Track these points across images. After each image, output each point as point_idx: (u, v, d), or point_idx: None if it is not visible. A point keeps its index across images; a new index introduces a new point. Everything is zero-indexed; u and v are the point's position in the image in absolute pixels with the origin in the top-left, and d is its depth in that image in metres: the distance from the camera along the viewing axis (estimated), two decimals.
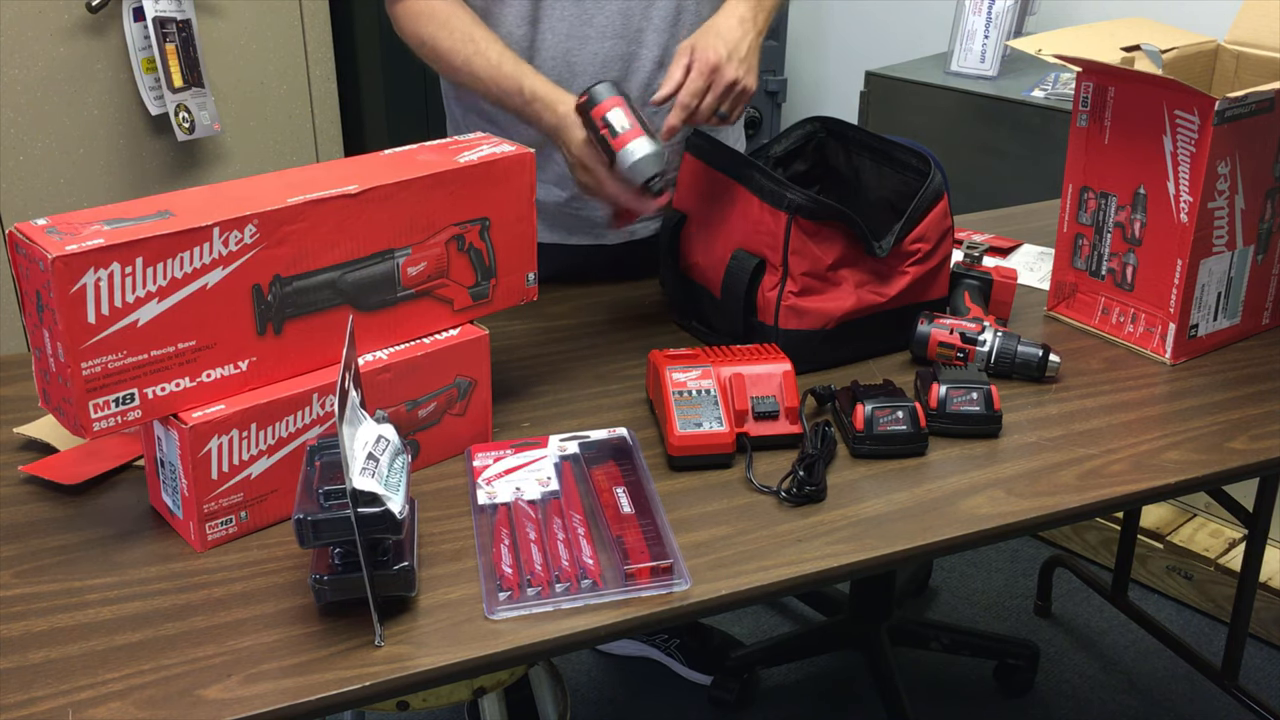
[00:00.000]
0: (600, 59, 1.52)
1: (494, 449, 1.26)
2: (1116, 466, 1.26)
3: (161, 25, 2.38)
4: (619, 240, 1.66)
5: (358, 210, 1.15)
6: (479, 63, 1.47)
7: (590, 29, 1.50)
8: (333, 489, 0.99)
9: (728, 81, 1.38)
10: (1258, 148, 1.43)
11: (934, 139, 2.47)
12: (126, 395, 1.05)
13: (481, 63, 1.47)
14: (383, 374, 1.18)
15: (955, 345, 1.43)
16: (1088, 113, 1.49)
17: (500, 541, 1.12)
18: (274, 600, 1.05)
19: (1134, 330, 1.51)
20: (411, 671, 0.97)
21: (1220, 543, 2.39)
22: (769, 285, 1.42)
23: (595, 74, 1.50)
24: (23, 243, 1.01)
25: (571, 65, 1.52)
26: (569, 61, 1.52)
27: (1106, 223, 1.51)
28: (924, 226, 1.44)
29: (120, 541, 1.13)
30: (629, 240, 1.66)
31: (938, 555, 1.32)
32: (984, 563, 2.58)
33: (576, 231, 1.65)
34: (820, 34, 3.44)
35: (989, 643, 2.26)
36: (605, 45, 1.50)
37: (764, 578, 1.09)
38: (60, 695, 0.94)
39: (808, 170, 1.62)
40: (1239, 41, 1.60)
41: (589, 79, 1.48)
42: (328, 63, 2.72)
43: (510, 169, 1.25)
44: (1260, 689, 2.19)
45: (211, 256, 1.06)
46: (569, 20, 1.50)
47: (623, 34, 1.49)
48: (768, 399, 1.29)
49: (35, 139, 2.36)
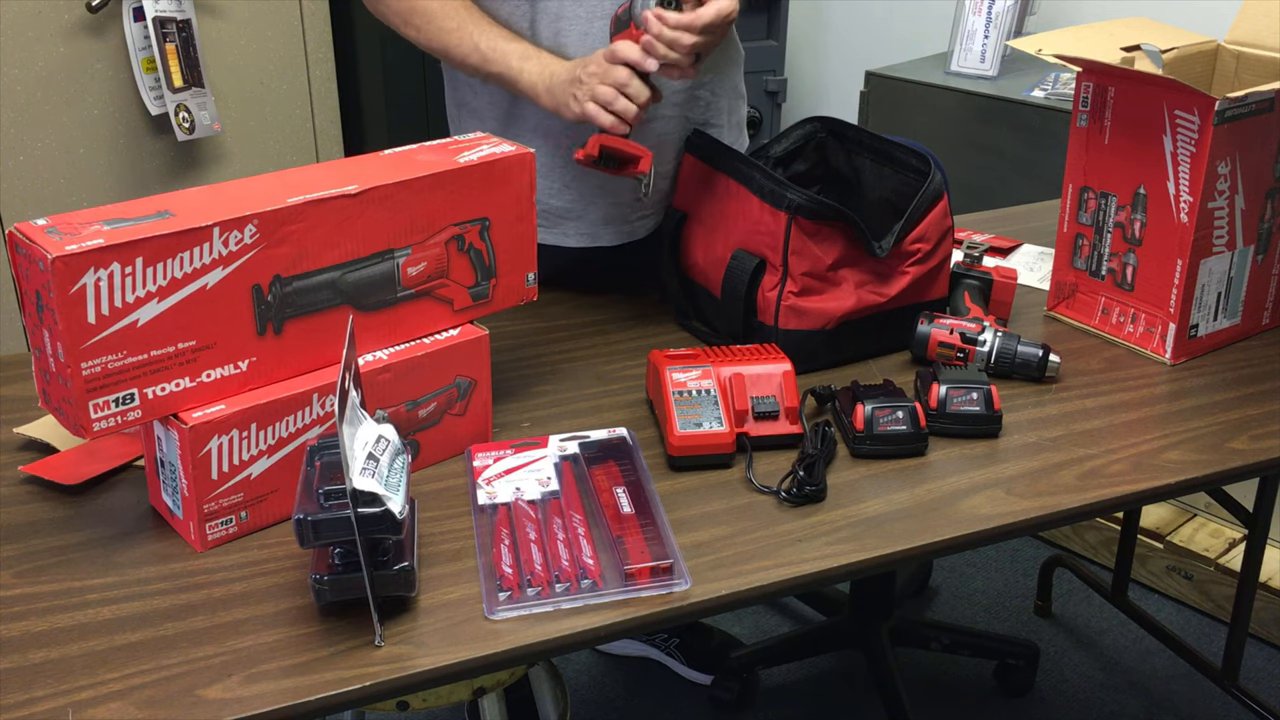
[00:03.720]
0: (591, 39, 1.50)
1: (494, 449, 1.26)
2: (1116, 466, 1.26)
3: (161, 25, 2.38)
4: (618, 241, 1.66)
5: (358, 210, 1.15)
6: (471, 27, 1.47)
7: (580, 8, 1.49)
8: (333, 489, 0.99)
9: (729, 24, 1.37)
10: (1258, 148, 1.43)
11: (934, 139, 2.47)
12: (126, 395, 1.05)
13: (474, 28, 1.48)
14: (383, 374, 1.18)
15: (955, 345, 1.43)
16: (1088, 113, 1.49)
17: (500, 541, 1.12)
18: (274, 600, 1.05)
19: (1134, 330, 1.51)
20: (411, 671, 0.97)
21: (1220, 543, 2.39)
22: (769, 285, 1.42)
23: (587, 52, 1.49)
24: (23, 243, 1.01)
25: (562, 46, 1.51)
26: (560, 42, 1.51)
27: (1106, 223, 1.51)
28: (924, 226, 1.44)
29: (120, 541, 1.13)
30: (629, 240, 1.66)
31: (938, 555, 1.32)
32: (984, 563, 2.58)
33: (573, 234, 1.65)
34: (820, 34, 3.44)
35: (989, 643, 2.26)
36: (595, 25, 1.49)
37: (764, 578, 1.09)
38: (60, 695, 0.94)
39: (808, 170, 1.62)
40: (1239, 41, 1.60)
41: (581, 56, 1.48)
42: (328, 63, 2.72)
43: (510, 169, 1.25)
44: (1260, 689, 2.19)
45: (211, 256, 1.06)
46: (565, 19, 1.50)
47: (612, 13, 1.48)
48: (768, 399, 1.29)
49: (35, 139, 2.36)
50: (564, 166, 1.57)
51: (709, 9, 1.36)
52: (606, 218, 1.61)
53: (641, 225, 1.64)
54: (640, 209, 1.62)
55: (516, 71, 1.46)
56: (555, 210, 1.62)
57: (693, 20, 1.35)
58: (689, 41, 1.35)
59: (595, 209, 1.60)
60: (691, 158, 1.56)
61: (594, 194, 1.59)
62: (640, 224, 1.64)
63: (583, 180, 1.58)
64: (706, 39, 1.36)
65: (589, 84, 1.39)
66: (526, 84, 1.46)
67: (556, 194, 1.61)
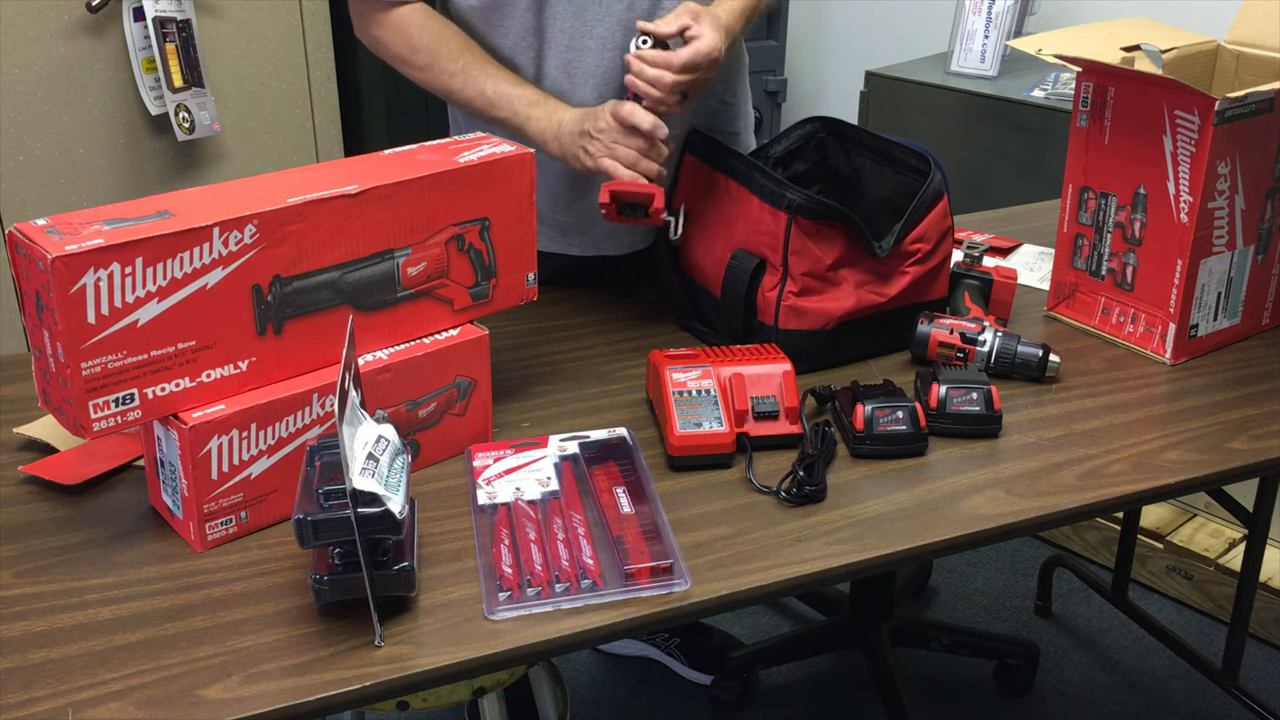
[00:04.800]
0: (601, 70, 1.51)
1: (494, 449, 1.26)
2: (1116, 466, 1.26)
3: (161, 25, 2.38)
4: (619, 251, 1.66)
5: (358, 210, 1.15)
6: (475, 70, 1.47)
7: (590, 40, 1.49)
8: (333, 489, 0.99)
9: (713, 63, 1.38)
10: (1258, 148, 1.43)
11: (934, 139, 2.47)
12: (126, 395, 1.05)
13: (478, 71, 1.47)
14: (383, 374, 1.18)
15: (955, 345, 1.43)
16: (1088, 113, 1.49)
17: (500, 541, 1.12)
18: (274, 600, 1.05)
19: (1134, 330, 1.51)
20: (411, 671, 0.97)
21: (1220, 543, 2.39)
22: (769, 285, 1.42)
23: (596, 84, 1.50)
24: (23, 243, 1.01)
25: (572, 76, 1.52)
26: (569, 73, 1.51)
27: (1106, 223, 1.51)
28: (924, 226, 1.44)
29: (120, 541, 1.13)
30: (630, 251, 1.66)
31: (938, 555, 1.32)
32: (984, 563, 2.58)
33: (578, 245, 1.65)
34: (820, 34, 3.44)
35: (989, 643, 2.26)
36: (605, 57, 1.50)
37: (764, 578, 1.09)
38: (60, 695, 0.94)
39: (808, 170, 1.62)
40: (1239, 41, 1.60)
41: (589, 89, 1.50)
42: (328, 63, 2.72)
43: (510, 169, 1.25)
44: (1260, 689, 2.19)
45: (211, 256, 1.06)
46: (568, 32, 1.50)
47: (622, 45, 1.49)
48: (768, 399, 1.29)
49: (35, 139, 2.36)
50: (569, 185, 1.57)
51: (685, 50, 1.37)
52: (611, 230, 1.62)
53: (645, 235, 1.65)
54: None
55: (523, 119, 1.46)
56: (560, 224, 1.62)
57: (669, 60, 1.36)
58: (670, 80, 1.36)
59: (600, 223, 1.59)
60: (692, 158, 1.56)
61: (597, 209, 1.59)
62: (644, 234, 1.64)
63: (587, 196, 1.58)
64: (689, 78, 1.37)
65: (601, 141, 1.40)
66: (534, 132, 1.46)
67: (562, 210, 1.61)
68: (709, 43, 1.37)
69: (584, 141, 1.42)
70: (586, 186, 1.56)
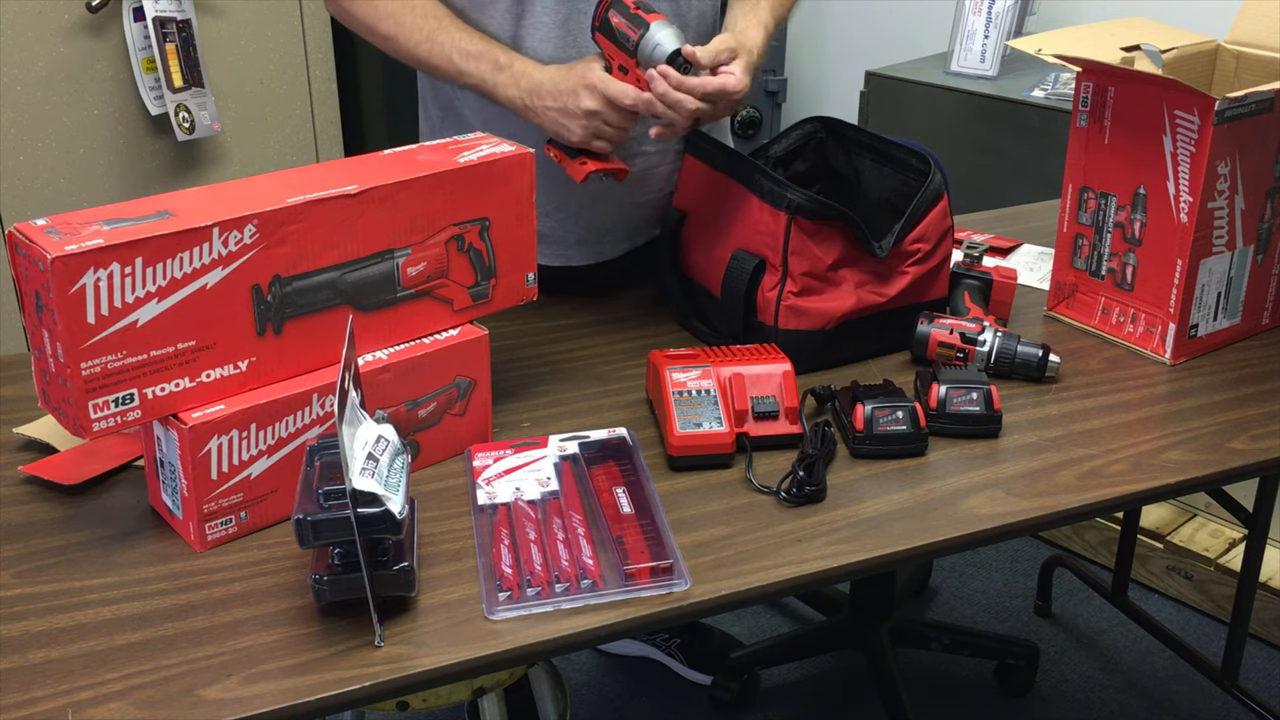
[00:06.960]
0: None
1: (494, 449, 1.26)
2: (1116, 466, 1.26)
3: (161, 25, 2.38)
4: (616, 255, 1.65)
5: (357, 210, 1.15)
6: (442, 35, 1.44)
7: (574, 50, 1.49)
8: (333, 489, 0.99)
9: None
10: (1258, 148, 1.43)
11: (934, 139, 2.47)
12: (126, 395, 1.05)
13: (445, 36, 1.44)
14: (383, 374, 1.18)
15: (955, 345, 1.43)
16: (1088, 113, 1.49)
17: (500, 541, 1.12)
18: (274, 600, 1.05)
19: (1134, 330, 1.51)
20: (411, 671, 0.97)
21: (1220, 543, 2.39)
22: (769, 285, 1.42)
23: None
24: (22, 243, 1.01)
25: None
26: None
27: (1106, 223, 1.51)
28: (924, 226, 1.44)
29: (120, 541, 1.13)
30: (628, 252, 1.66)
31: (938, 555, 1.32)
32: (984, 563, 2.58)
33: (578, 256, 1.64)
34: (820, 34, 3.44)
35: (989, 643, 2.26)
36: None
37: (764, 578, 1.09)
38: (60, 695, 0.94)
39: (808, 170, 1.62)
40: (1239, 41, 1.60)
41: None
42: (328, 63, 2.72)
43: (510, 169, 1.25)
44: (1260, 689, 2.19)
45: (211, 256, 1.06)
46: (552, 42, 1.49)
47: None
48: (768, 399, 1.29)
49: (35, 139, 2.36)
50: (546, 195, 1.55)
51: (717, 79, 1.35)
52: (601, 233, 1.61)
53: (644, 231, 1.64)
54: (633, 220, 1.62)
55: (491, 85, 1.44)
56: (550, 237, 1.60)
57: (693, 86, 1.34)
58: (692, 107, 1.35)
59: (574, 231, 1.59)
60: (691, 158, 1.56)
61: (577, 213, 1.59)
62: (644, 229, 1.64)
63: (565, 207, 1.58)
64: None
65: (590, 123, 1.38)
66: (503, 99, 1.44)
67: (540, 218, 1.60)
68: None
69: (566, 119, 1.39)
70: (566, 195, 1.56)
